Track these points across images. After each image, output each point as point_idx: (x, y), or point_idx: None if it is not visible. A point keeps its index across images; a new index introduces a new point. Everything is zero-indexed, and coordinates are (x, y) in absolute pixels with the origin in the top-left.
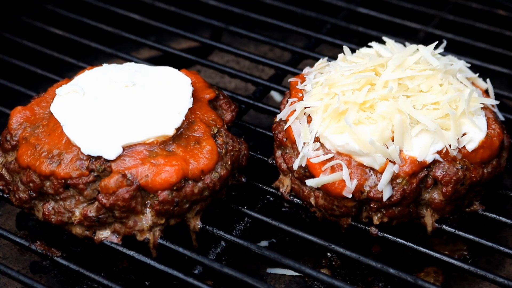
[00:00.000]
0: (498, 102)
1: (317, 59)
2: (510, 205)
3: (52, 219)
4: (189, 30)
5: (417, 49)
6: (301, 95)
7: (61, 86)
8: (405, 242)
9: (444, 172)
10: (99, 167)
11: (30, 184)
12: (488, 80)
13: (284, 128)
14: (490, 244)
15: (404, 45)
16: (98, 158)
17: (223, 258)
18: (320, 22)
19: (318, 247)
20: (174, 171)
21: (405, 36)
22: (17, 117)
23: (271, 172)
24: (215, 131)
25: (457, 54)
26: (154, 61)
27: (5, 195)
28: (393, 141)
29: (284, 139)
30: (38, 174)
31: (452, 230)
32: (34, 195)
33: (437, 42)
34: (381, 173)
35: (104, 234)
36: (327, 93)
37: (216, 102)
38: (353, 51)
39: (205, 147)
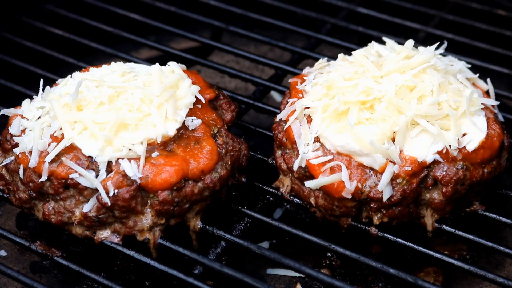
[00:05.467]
0: (498, 103)
1: (317, 59)
2: (510, 205)
3: (52, 219)
4: (189, 30)
5: (417, 48)
6: (301, 95)
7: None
8: (405, 242)
9: (444, 172)
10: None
11: (30, 184)
12: (488, 80)
13: (284, 128)
14: (490, 244)
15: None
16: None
17: (223, 258)
18: (320, 22)
19: (318, 247)
20: (174, 171)
21: (405, 36)
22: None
23: (271, 172)
24: (215, 131)
25: (457, 54)
26: (154, 61)
27: (5, 195)
28: (393, 141)
29: (284, 139)
30: (38, 174)
31: (452, 230)
32: (34, 195)
33: (438, 43)
34: (381, 173)
35: (104, 234)
36: (327, 93)
37: (216, 102)
38: (353, 51)
39: (205, 147)
